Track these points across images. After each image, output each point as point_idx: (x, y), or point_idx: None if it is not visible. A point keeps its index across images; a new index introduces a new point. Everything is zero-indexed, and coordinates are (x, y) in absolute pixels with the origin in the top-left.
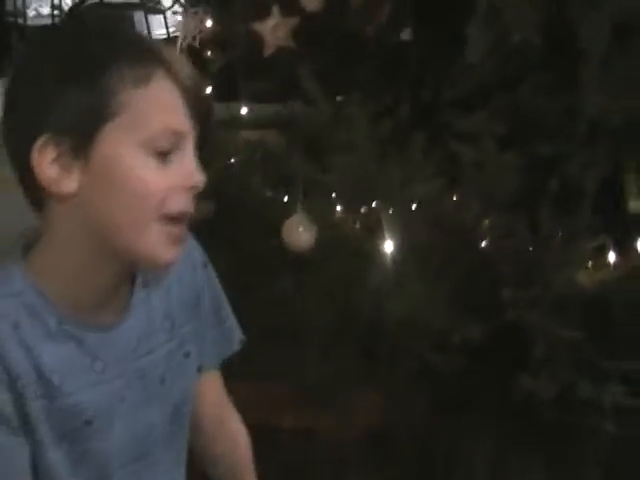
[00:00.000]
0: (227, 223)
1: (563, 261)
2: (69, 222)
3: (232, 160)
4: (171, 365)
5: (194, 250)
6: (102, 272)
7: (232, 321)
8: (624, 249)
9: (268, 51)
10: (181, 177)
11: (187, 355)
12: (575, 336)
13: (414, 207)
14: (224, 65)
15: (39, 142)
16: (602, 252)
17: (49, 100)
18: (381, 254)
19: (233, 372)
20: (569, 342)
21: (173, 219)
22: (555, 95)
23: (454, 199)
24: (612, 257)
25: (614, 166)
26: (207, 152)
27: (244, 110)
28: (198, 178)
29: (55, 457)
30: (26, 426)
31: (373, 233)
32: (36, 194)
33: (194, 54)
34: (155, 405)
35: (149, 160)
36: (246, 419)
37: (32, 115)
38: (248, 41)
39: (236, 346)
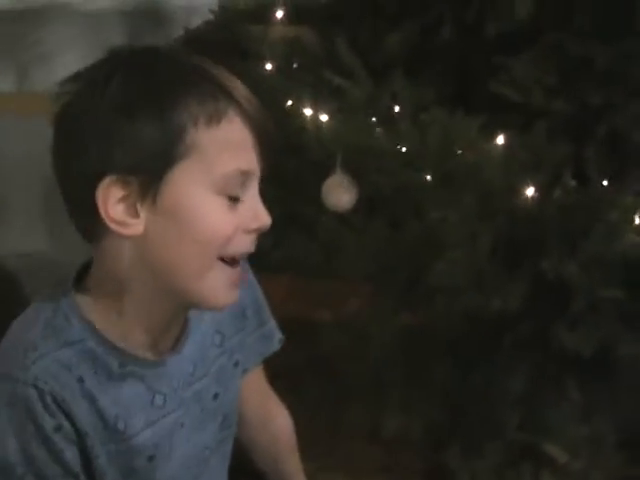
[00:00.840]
0: None
1: (608, 214)
2: (129, 260)
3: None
4: (222, 379)
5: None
6: (161, 312)
7: (272, 322)
8: None
9: None
10: (249, 218)
11: (236, 365)
12: (616, 294)
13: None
14: None
15: (105, 181)
16: None
17: (116, 137)
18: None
19: None
20: (609, 299)
21: (234, 260)
22: (607, 40)
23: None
24: None
25: None
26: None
27: None
28: (265, 219)
29: None
30: (93, 472)
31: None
32: (93, 229)
33: None
34: (210, 421)
35: (218, 201)
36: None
37: (98, 152)
38: None
39: (276, 345)
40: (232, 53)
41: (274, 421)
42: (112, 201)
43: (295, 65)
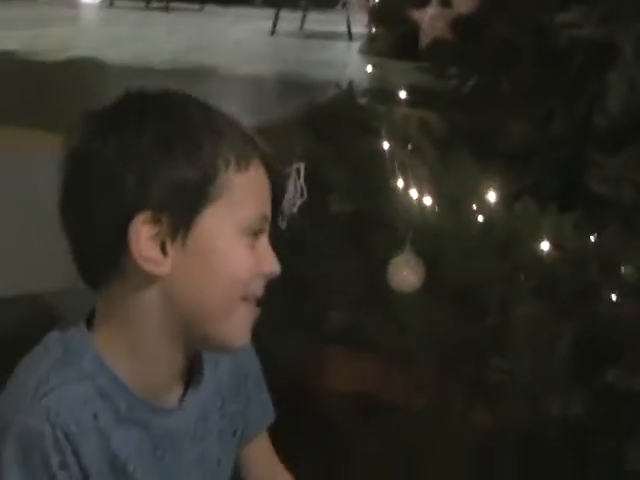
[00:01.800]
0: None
1: None
2: (152, 301)
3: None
4: (223, 444)
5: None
6: (177, 355)
7: (267, 393)
8: None
9: (425, 40)
10: (265, 263)
11: (234, 433)
12: None
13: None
14: None
15: (140, 217)
16: None
17: (154, 173)
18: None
19: None
20: None
21: (249, 300)
22: None
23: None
24: None
25: None
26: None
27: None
28: (277, 266)
29: None
30: None
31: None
32: (112, 271)
33: None
34: None
35: (242, 245)
36: None
37: (135, 188)
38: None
39: (272, 416)
40: (353, 129)
41: None
42: (144, 237)
43: (410, 146)
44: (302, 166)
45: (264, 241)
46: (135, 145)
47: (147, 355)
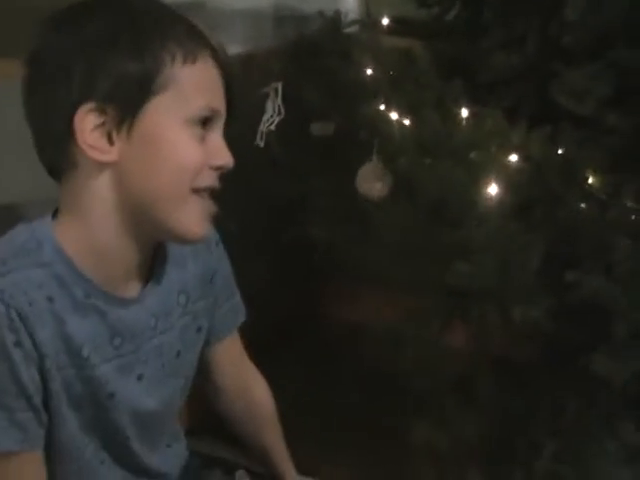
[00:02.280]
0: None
1: None
2: (104, 190)
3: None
4: (185, 339)
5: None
6: (132, 245)
7: (238, 295)
8: None
9: None
10: (215, 155)
11: (199, 330)
12: None
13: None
14: None
15: (84, 108)
16: None
17: (99, 67)
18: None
19: None
20: None
21: (201, 193)
22: None
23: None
24: None
25: None
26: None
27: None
28: (229, 159)
29: (72, 421)
30: (47, 397)
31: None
32: (68, 160)
33: None
34: (172, 379)
35: (190, 136)
36: None
37: (80, 81)
38: None
39: (243, 317)
40: (335, 55)
41: (252, 391)
42: (89, 127)
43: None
44: (279, 86)
45: (216, 135)
46: (83, 38)
47: (102, 245)
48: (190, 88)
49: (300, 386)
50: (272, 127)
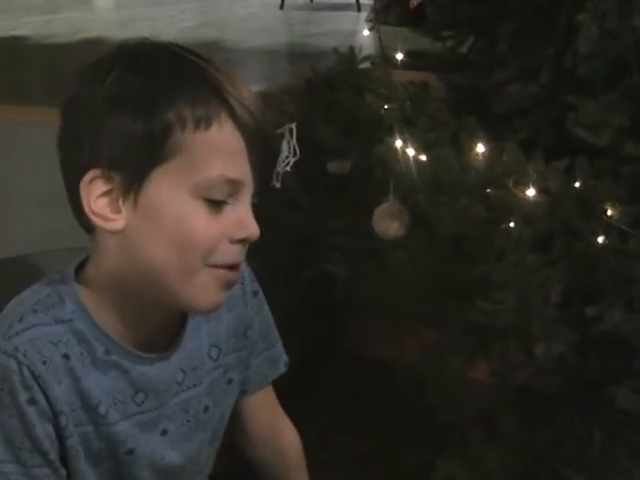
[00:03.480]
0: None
1: None
2: (116, 256)
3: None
4: (214, 393)
5: (246, 278)
6: (152, 309)
7: (279, 345)
8: None
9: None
10: (234, 228)
11: (230, 382)
12: None
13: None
14: None
15: (89, 175)
16: None
17: (105, 130)
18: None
19: None
20: None
21: (221, 268)
22: None
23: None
24: None
25: None
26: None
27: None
28: (252, 230)
29: (91, 477)
30: (65, 453)
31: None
32: (84, 220)
33: None
34: (199, 433)
35: (200, 207)
36: None
37: (89, 144)
38: None
39: (282, 369)
40: (353, 94)
41: (281, 437)
42: (95, 195)
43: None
44: (294, 126)
45: (240, 204)
46: (96, 100)
47: (125, 310)
48: (201, 157)
49: (322, 422)
50: (288, 168)
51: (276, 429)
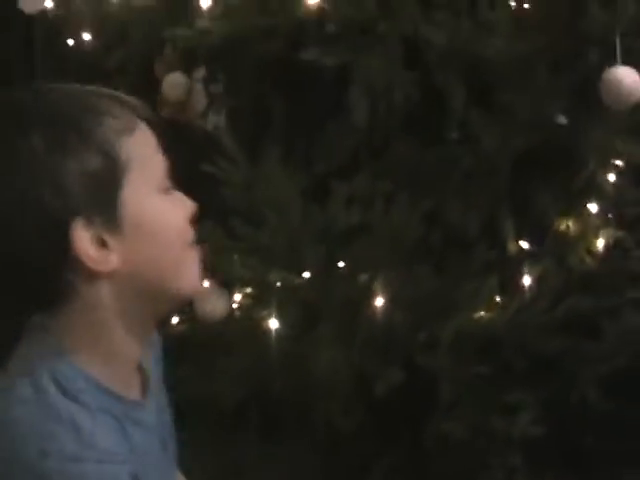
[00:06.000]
0: None
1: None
2: (110, 295)
3: None
4: (170, 432)
5: (157, 341)
6: (138, 342)
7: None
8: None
9: None
10: (185, 206)
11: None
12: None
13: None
14: None
15: (73, 228)
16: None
17: (60, 179)
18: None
19: None
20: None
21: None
22: (429, 149)
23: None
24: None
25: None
26: None
27: None
28: (193, 204)
29: None
30: None
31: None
32: (63, 287)
33: None
34: (171, 471)
35: (166, 200)
36: None
37: (53, 200)
38: None
39: None
40: None
41: None
42: (86, 244)
43: None
44: None
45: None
46: (32, 158)
47: (116, 352)
48: (146, 158)
49: None
50: None
51: None
